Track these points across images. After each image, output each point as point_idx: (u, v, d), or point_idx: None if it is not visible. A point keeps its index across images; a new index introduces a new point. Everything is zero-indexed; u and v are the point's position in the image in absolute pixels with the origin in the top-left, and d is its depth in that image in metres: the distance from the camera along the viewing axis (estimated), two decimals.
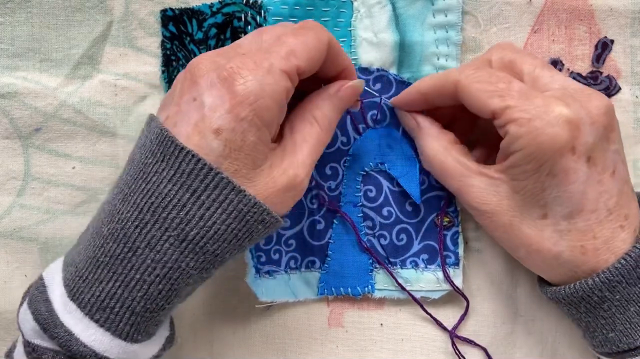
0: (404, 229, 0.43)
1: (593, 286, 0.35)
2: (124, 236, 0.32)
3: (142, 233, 0.32)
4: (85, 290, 0.32)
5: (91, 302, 0.32)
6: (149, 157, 0.33)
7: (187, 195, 0.32)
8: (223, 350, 0.45)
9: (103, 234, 0.33)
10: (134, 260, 0.32)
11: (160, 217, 0.32)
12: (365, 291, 0.43)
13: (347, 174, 0.43)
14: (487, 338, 0.44)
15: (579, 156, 0.34)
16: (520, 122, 0.34)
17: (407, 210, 0.43)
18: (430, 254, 0.43)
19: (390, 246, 0.43)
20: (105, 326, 0.32)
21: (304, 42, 0.34)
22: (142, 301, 0.32)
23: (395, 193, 0.43)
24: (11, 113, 0.42)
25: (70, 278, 0.33)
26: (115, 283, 0.32)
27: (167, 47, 0.42)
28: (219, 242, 0.33)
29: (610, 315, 0.35)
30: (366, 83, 0.42)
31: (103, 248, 0.32)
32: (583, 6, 0.42)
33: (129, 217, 0.32)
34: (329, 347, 0.45)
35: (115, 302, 0.32)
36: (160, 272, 0.32)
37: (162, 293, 0.33)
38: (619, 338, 0.35)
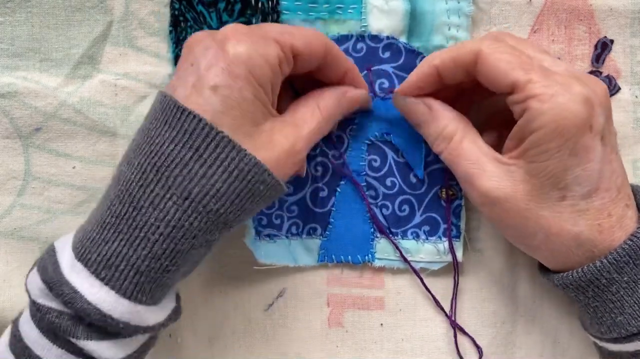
0: (406, 200, 0.43)
1: (601, 267, 0.35)
2: (128, 196, 0.33)
3: (146, 192, 0.33)
4: (92, 250, 0.33)
5: (97, 261, 0.33)
6: (152, 122, 0.34)
7: (189, 154, 0.33)
8: (223, 350, 0.45)
9: (110, 197, 0.34)
10: (138, 219, 0.33)
11: (163, 176, 0.33)
12: (366, 260, 0.43)
13: (352, 143, 0.43)
14: (487, 337, 0.44)
15: (595, 134, 0.34)
16: (543, 98, 0.34)
17: (411, 181, 0.43)
18: (431, 226, 0.43)
19: (392, 216, 0.43)
20: (110, 284, 0.33)
21: (299, 29, 0.37)
22: (146, 260, 0.33)
23: (400, 164, 0.43)
24: (11, 113, 0.42)
25: (78, 241, 0.34)
26: (120, 242, 0.33)
27: (175, 7, 0.42)
28: (222, 201, 0.33)
29: (619, 298, 0.35)
30: (375, 51, 0.42)
31: (110, 210, 0.33)
32: (583, 6, 0.42)
33: (132, 179, 0.33)
34: (329, 347, 0.45)
35: (120, 260, 0.33)
36: (164, 231, 0.33)
37: (166, 252, 0.33)
38: (627, 321, 0.35)
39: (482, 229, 0.44)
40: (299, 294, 0.44)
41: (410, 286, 0.44)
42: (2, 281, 0.43)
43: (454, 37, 0.42)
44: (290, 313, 0.44)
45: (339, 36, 0.42)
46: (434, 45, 0.42)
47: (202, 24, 0.42)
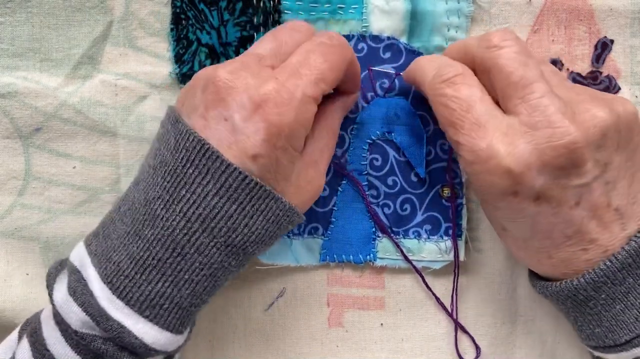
0: (408, 199, 0.43)
1: (578, 286, 0.34)
2: (171, 242, 0.34)
3: (191, 241, 0.34)
4: (133, 289, 0.34)
5: (140, 300, 0.34)
6: (188, 167, 0.33)
7: (233, 206, 0.34)
8: (223, 350, 0.45)
9: (146, 238, 0.34)
10: (182, 264, 0.34)
11: (208, 226, 0.33)
12: (367, 259, 0.43)
13: (354, 142, 0.43)
14: (487, 338, 0.44)
15: (523, 198, 0.33)
16: (465, 161, 0.34)
17: (412, 180, 0.43)
18: (433, 225, 0.43)
19: (393, 215, 0.43)
20: (155, 321, 0.34)
21: (331, 66, 0.35)
22: (189, 298, 0.35)
23: (401, 163, 0.43)
24: (11, 113, 0.42)
25: (111, 275, 0.34)
26: (164, 283, 0.34)
27: (177, 5, 0.42)
28: (258, 244, 0.35)
29: (597, 312, 0.35)
30: (376, 51, 0.42)
31: (149, 252, 0.34)
32: (583, 6, 0.42)
33: (175, 226, 0.33)
34: (329, 347, 0.45)
35: (165, 300, 0.34)
36: (207, 272, 0.34)
37: (206, 289, 0.35)
38: (604, 333, 0.35)
39: (482, 229, 0.44)
40: (299, 294, 0.44)
41: (410, 286, 0.44)
42: (2, 281, 0.43)
43: (453, 38, 0.42)
44: (290, 312, 0.44)
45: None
46: (434, 45, 0.42)
47: (204, 22, 0.42)
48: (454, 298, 0.44)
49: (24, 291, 0.43)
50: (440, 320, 0.44)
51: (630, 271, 0.34)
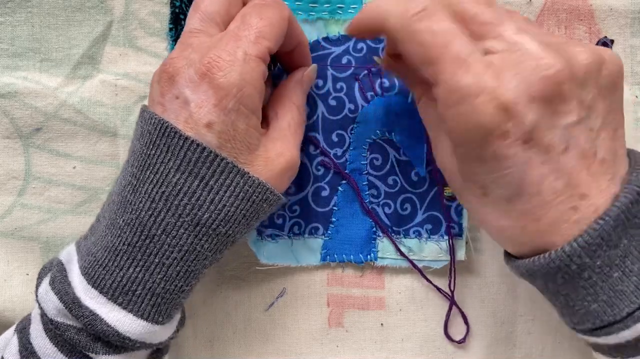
0: (408, 198, 0.43)
1: (571, 252, 0.30)
2: (139, 225, 0.34)
3: (157, 221, 0.34)
4: (106, 277, 0.34)
5: (113, 287, 0.34)
6: (151, 149, 0.34)
7: (196, 182, 0.34)
8: (223, 350, 0.45)
9: (118, 225, 0.34)
10: (151, 246, 0.34)
11: (172, 204, 0.34)
12: (368, 259, 0.43)
13: (354, 142, 0.43)
14: (487, 338, 0.44)
15: (513, 141, 0.29)
16: (447, 103, 0.30)
17: (413, 180, 0.43)
18: (433, 224, 0.43)
19: (394, 215, 0.43)
20: (128, 308, 0.34)
21: (270, 23, 0.35)
22: (162, 283, 0.34)
23: (401, 162, 0.43)
24: (12, 113, 0.42)
25: (88, 266, 0.35)
26: (135, 268, 0.34)
27: (176, 4, 0.42)
28: (230, 223, 0.35)
29: (592, 284, 0.31)
30: (376, 51, 0.42)
31: (120, 238, 0.34)
32: (583, 6, 0.42)
33: (142, 207, 0.34)
34: (329, 347, 0.45)
35: (137, 285, 0.34)
36: (177, 255, 0.34)
37: (180, 274, 0.35)
38: (602, 309, 0.31)
39: (482, 229, 0.44)
40: (299, 294, 0.44)
41: (410, 286, 0.44)
42: (2, 281, 0.43)
43: None
44: (290, 312, 0.44)
45: (340, 36, 0.42)
46: None
47: None
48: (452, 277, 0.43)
49: (24, 291, 0.43)
50: (441, 320, 0.44)
51: (625, 230, 0.30)
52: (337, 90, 0.43)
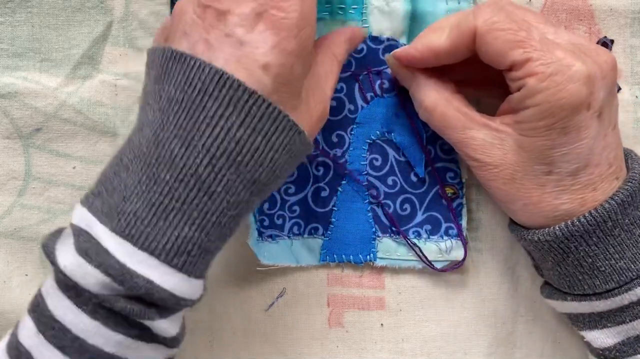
0: (408, 199, 0.43)
1: (610, 209, 0.35)
2: (197, 182, 0.31)
3: (218, 178, 0.32)
4: (157, 237, 0.31)
5: (167, 248, 0.31)
6: (207, 101, 0.31)
7: (259, 139, 0.32)
8: (223, 350, 0.45)
9: (165, 180, 0.32)
10: (209, 204, 0.32)
11: (235, 161, 0.32)
12: (367, 259, 0.43)
13: (354, 142, 0.43)
14: (488, 338, 0.44)
15: (592, 112, 0.34)
16: (541, 77, 0.33)
17: (412, 180, 0.43)
18: (433, 224, 0.43)
19: (393, 215, 0.43)
20: (184, 269, 0.32)
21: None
22: (216, 241, 0.33)
23: (401, 163, 0.43)
24: (11, 113, 0.42)
25: (129, 227, 0.31)
26: (191, 227, 0.32)
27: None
28: (279, 178, 0.34)
29: (619, 242, 0.35)
30: (376, 52, 0.42)
31: (172, 195, 0.31)
32: (583, 6, 0.42)
33: (199, 163, 0.31)
34: (329, 347, 0.45)
35: (193, 245, 0.32)
36: (234, 212, 0.33)
37: (232, 231, 0.34)
38: (627, 265, 0.35)
39: (481, 229, 0.44)
40: (299, 294, 0.44)
41: (411, 286, 0.44)
42: (2, 282, 0.43)
43: None
44: (290, 313, 0.44)
45: None
46: None
47: None
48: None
49: (23, 292, 0.43)
50: (441, 320, 0.44)
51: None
52: (337, 91, 0.43)
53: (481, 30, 0.34)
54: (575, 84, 0.33)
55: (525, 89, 0.34)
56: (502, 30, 0.34)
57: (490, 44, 0.34)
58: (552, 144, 0.34)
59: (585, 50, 0.35)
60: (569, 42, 0.35)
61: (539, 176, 0.36)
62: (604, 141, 0.35)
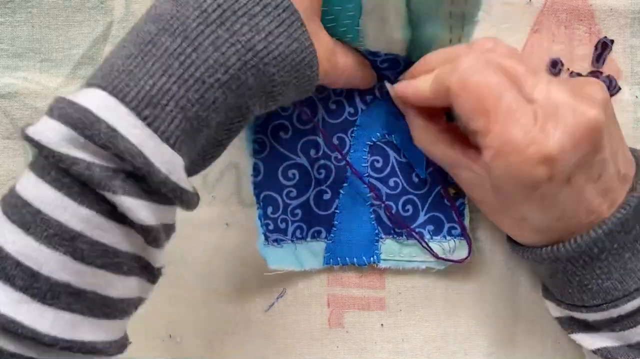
0: (410, 200, 0.43)
1: (596, 238, 0.34)
2: (183, 31, 0.29)
3: (206, 32, 0.29)
4: (130, 83, 0.28)
5: (139, 97, 0.28)
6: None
7: (257, 8, 0.30)
8: (223, 350, 0.45)
9: (149, 31, 0.29)
10: (194, 56, 0.29)
11: (228, 19, 0.29)
12: (371, 261, 0.43)
13: (354, 145, 0.43)
14: (488, 338, 0.44)
15: (557, 182, 0.33)
16: (495, 154, 0.32)
17: (414, 181, 0.43)
18: (436, 225, 0.43)
19: (396, 216, 0.43)
20: (154, 125, 0.28)
21: None
22: (196, 105, 0.29)
23: (402, 164, 0.43)
24: (12, 113, 0.42)
25: (104, 74, 0.28)
26: (170, 78, 0.28)
27: None
28: (279, 66, 0.31)
29: (607, 264, 0.35)
30: (374, 63, 0.41)
31: (152, 43, 0.29)
32: (583, 6, 0.42)
33: (188, 15, 0.29)
34: (329, 348, 0.45)
35: (169, 99, 0.28)
36: (222, 77, 0.29)
37: (215, 103, 0.30)
38: (614, 285, 0.35)
39: (481, 229, 0.44)
40: (299, 294, 0.44)
41: (411, 287, 0.44)
42: None
43: None
44: (290, 313, 0.44)
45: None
46: None
47: None
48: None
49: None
50: (441, 320, 0.44)
51: (638, 217, 0.35)
52: (337, 94, 0.43)
53: (452, 92, 0.33)
54: (530, 167, 0.32)
55: (486, 161, 0.33)
56: (471, 94, 0.33)
57: (458, 107, 0.34)
58: (517, 205, 0.35)
59: (560, 110, 0.32)
60: (546, 99, 0.32)
61: (516, 220, 0.36)
62: (579, 196, 0.34)
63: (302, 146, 0.43)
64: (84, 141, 0.27)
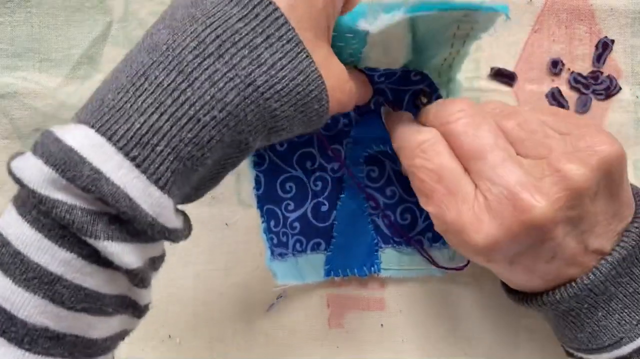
0: (408, 208, 0.43)
1: (561, 299, 0.33)
2: (178, 64, 0.27)
3: (203, 65, 0.27)
4: (120, 121, 0.26)
5: (128, 136, 0.26)
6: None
7: (259, 39, 0.28)
8: (223, 350, 0.45)
9: (142, 62, 0.27)
10: (188, 92, 0.27)
11: (227, 52, 0.27)
12: (372, 271, 0.43)
13: (350, 155, 0.43)
14: (489, 339, 0.44)
15: (497, 263, 0.33)
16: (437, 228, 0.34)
17: (411, 189, 0.43)
18: (434, 232, 0.42)
19: (394, 225, 0.43)
20: (143, 166, 0.26)
21: None
22: (189, 145, 0.27)
23: (398, 173, 0.43)
24: (11, 113, 0.42)
25: (91, 110, 0.27)
26: (162, 116, 0.26)
27: None
28: (282, 101, 0.29)
29: (579, 320, 0.34)
30: (371, 78, 0.40)
31: (145, 76, 0.27)
32: (583, 6, 0.42)
33: (184, 46, 0.27)
34: (329, 348, 0.44)
35: (160, 138, 0.26)
36: (218, 114, 0.27)
37: (211, 142, 0.27)
38: (587, 339, 0.34)
39: None
40: (299, 295, 0.44)
41: (411, 287, 0.44)
42: None
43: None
44: (290, 313, 0.44)
45: None
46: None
47: None
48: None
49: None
50: (441, 321, 0.44)
51: (612, 280, 0.33)
52: None
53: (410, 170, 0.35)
54: (464, 247, 0.33)
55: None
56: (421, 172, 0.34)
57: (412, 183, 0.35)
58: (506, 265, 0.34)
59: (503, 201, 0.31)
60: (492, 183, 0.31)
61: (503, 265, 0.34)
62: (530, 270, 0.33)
63: (298, 159, 0.43)
64: (66, 183, 0.25)
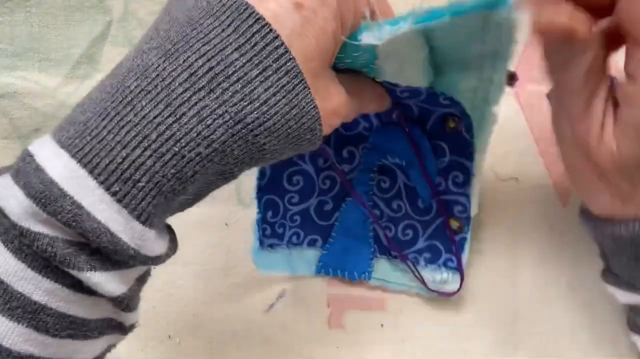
0: (411, 225, 0.43)
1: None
2: (166, 97, 0.26)
3: (192, 100, 0.26)
4: (101, 153, 0.25)
5: (109, 169, 0.25)
6: (206, 19, 0.27)
7: (254, 71, 0.27)
8: (223, 350, 0.45)
9: (128, 89, 0.26)
10: (174, 128, 0.26)
11: (219, 86, 0.26)
12: (362, 277, 0.43)
13: (364, 161, 0.42)
14: (488, 339, 0.44)
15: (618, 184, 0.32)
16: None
17: (419, 207, 0.42)
18: (433, 253, 0.43)
19: (394, 239, 0.43)
20: (124, 202, 0.25)
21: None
22: (172, 180, 0.26)
23: (410, 188, 0.42)
24: (10, 113, 0.42)
25: (74, 136, 0.26)
26: (145, 151, 0.25)
27: None
28: (272, 137, 0.28)
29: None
30: (392, 92, 0.37)
31: (131, 105, 0.26)
32: None
33: (175, 76, 0.26)
34: (329, 348, 0.44)
35: (142, 174, 0.25)
36: (204, 151, 0.26)
37: (195, 176, 0.27)
38: None
39: (482, 230, 0.44)
40: (299, 295, 0.44)
41: None
42: None
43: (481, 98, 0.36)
44: (290, 313, 0.44)
45: None
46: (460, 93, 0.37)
47: None
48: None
49: None
50: (441, 321, 0.44)
51: None
52: None
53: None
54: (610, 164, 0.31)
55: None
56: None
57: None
58: None
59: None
60: None
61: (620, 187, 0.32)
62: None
63: (311, 154, 0.42)
64: (46, 217, 0.25)
